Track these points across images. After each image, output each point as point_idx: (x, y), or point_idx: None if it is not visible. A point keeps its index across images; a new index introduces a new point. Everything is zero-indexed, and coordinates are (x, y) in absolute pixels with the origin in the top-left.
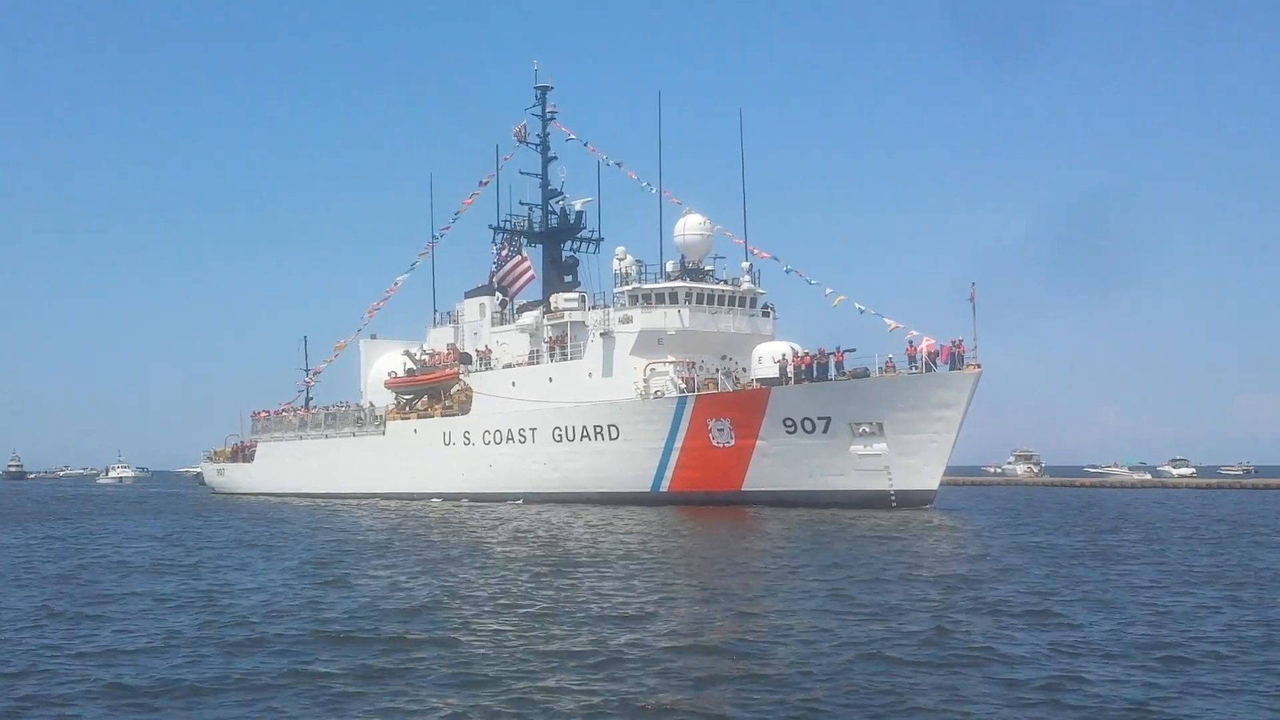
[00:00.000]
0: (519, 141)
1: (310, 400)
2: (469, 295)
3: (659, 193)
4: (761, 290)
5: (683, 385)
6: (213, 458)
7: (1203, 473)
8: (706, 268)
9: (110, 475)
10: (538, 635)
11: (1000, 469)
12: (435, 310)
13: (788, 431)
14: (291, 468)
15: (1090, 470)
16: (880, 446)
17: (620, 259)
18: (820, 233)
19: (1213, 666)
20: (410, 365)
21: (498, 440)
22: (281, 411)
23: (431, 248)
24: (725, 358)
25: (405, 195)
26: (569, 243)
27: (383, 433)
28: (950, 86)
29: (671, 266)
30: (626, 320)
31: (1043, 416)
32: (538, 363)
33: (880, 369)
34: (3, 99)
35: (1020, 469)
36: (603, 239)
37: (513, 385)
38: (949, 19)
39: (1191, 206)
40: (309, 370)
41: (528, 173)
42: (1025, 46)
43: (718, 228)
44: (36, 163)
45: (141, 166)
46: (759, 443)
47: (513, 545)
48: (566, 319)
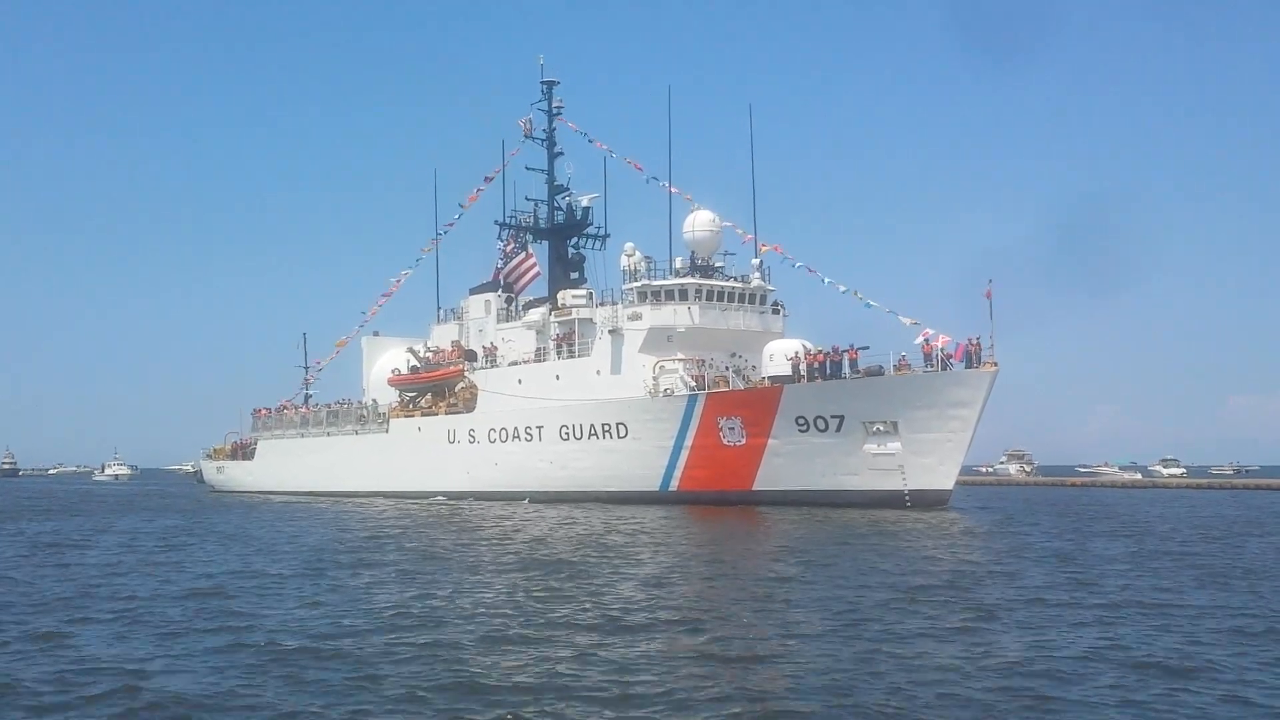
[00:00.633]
0: (525, 136)
1: (310, 398)
2: (474, 292)
3: (668, 188)
4: (772, 287)
5: (693, 383)
6: (212, 455)
7: (1193, 473)
8: (716, 264)
9: (106, 473)
10: (545, 642)
11: (992, 468)
12: (440, 307)
13: (800, 430)
14: (293, 466)
15: (1081, 470)
16: (895, 445)
17: (629, 255)
18: (829, 230)
19: None
20: (414, 362)
21: (503, 438)
22: (282, 409)
23: (436, 244)
24: (735, 355)
25: (409, 191)
26: (575, 239)
27: (386, 430)
28: (950, 86)
29: (680, 263)
30: (636, 317)
31: (1037, 416)
32: (544, 360)
33: (894, 367)
34: (3, 99)
35: (1013, 468)
36: (609, 235)
37: (519, 383)
38: (949, 19)
39: (1186, 208)
40: (308, 367)
41: (534, 168)
42: (1025, 46)
43: (727, 224)
44: (36, 162)
45: (142, 163)
46: (770, 441)
47: (535, 547)
48: (574, 316)
